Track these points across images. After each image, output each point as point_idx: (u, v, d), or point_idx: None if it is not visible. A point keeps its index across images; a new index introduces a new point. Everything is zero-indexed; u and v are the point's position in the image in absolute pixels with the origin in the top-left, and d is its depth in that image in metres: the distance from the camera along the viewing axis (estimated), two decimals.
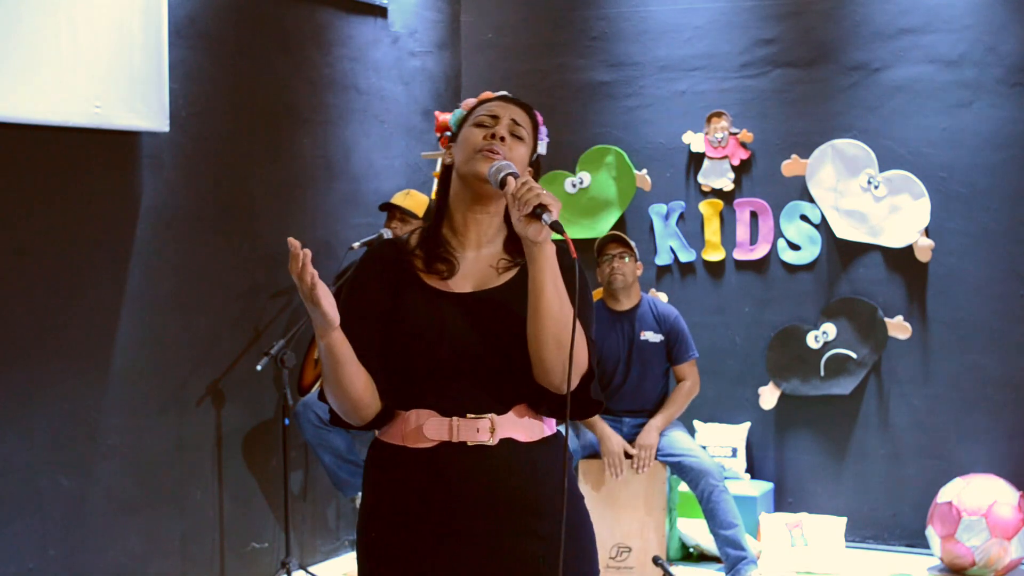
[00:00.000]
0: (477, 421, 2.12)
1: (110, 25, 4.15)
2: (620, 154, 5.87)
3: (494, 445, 2.12)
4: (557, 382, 2.08)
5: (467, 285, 2.19)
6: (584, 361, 2.11)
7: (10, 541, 3.97)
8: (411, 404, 2.16)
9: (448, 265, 2.20)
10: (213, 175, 4.78)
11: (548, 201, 2.01)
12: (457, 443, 2.12)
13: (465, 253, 2.22)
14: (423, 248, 2.23)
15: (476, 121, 2.22)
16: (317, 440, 4.78)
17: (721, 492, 4.76)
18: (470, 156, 2.18)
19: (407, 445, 2.15)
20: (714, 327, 5.75)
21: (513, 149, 2.19)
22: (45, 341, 4.11)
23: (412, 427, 2.14)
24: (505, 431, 2.13)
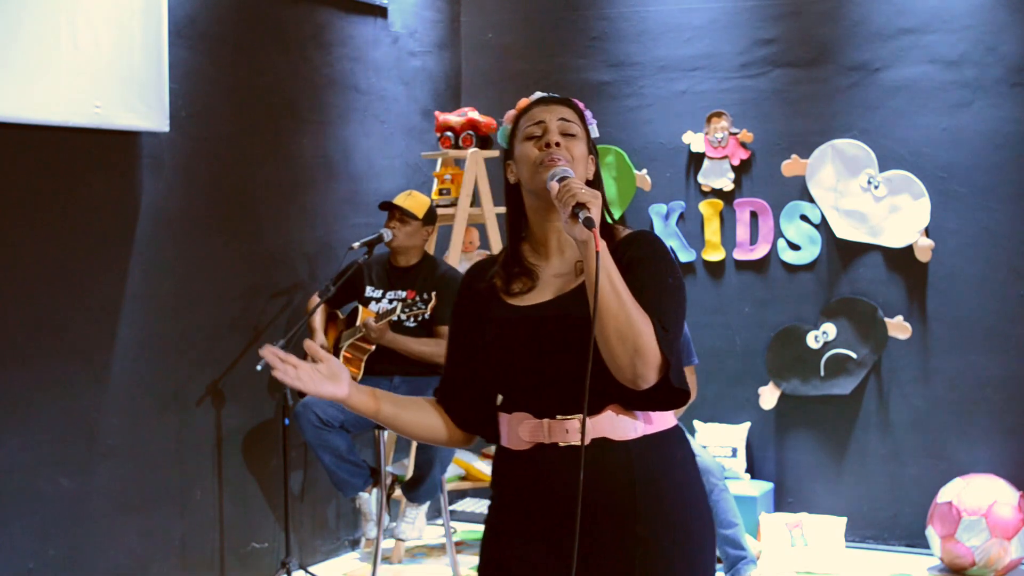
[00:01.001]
0: (566, 422, 2.13)
1: (110, 25, 4.15)
2: (620, 154, 5.87)
3: (587, 446, 2.10)
4: (629, 376, 2.04)
5: (548, 293, 2.21)
6: (651, 350, 2.03)
7: (10, 541, 3.97)
8: (512, 408, 2.21)
9: (527, 280, 2.24)
10: (213, 175, 4.78)
11: (585, 199, 2.01)
12: (550, 444, 2.15)
13: (549, 262, 2.25)
14: (504, 270, 2.27)
15: (526, 134, 2.23)
16: (317, 440, 4.78)
17: (721, 491, 4.76)
18: (533, 171, 2.19)
19: (510, 447, 2.21)
20: (714, 327, 5.75)
21: (571, 149, 2.20)
22: (45, 341, 4.11)
23: (512, 430, 2.20)
24: (597, 431, 2.12)
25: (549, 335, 2.15)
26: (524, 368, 2.17)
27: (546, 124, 2.22)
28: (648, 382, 2.05)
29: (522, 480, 2.18)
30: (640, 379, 2.04)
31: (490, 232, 5.60)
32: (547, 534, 2.14)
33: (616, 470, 2.12)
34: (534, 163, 2.19)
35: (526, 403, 2.18)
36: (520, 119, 2.27)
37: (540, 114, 2.24)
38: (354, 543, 5.57)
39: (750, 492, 5.41)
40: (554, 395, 2.15)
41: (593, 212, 2.01)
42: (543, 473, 2.15)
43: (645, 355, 2.02)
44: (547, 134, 2.20)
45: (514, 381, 2.20)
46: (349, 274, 4.90)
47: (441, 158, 5.68)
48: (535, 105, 2.27)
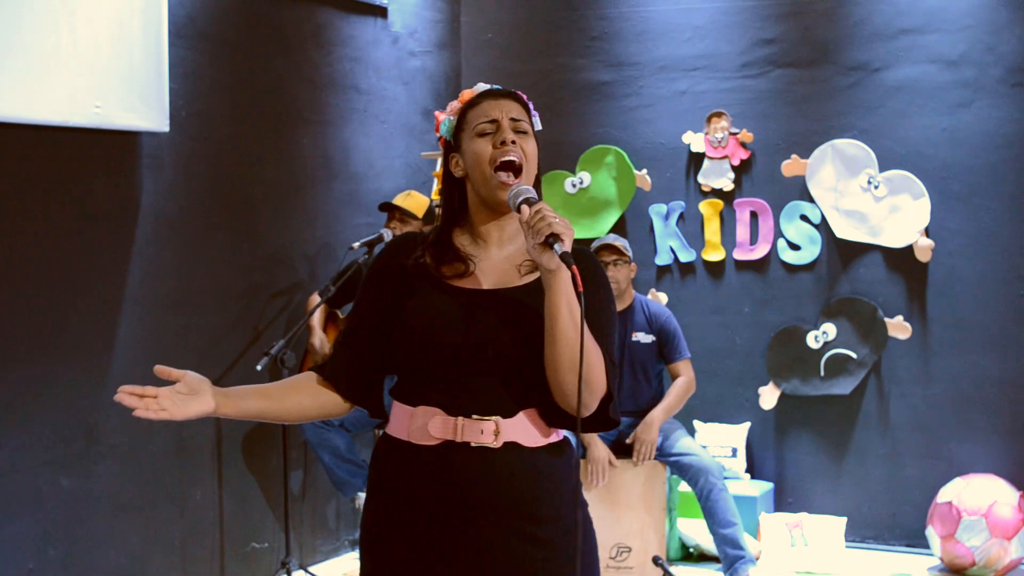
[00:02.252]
0: (481, 423, 2.10)
1: (110, 25, 4.15)
2: (620, 154, 5.87)
3: (497, 448, 2.10)
4: (567, 405, 2.07)
5: (486, 282, 2.17)
6: (602, 384, 2.08)
7: (10, 541, 3.97)
8: (418, 400, 2.15)
9: (459, 267, 2.18)
10: (213, 175, 4.78)
11: (560, 230, 1.99)
12: (460, 443, 2.10)
13: (488, 252, 2.21)
14: (433, 253, 2.21)
15: (477, 130, 2.18)
16: (317, 440, 4.78)
17: (720, 491, 4.75)
18: (488, 174, 2.15)
19: (412, 441, 2.14)
20: (714, 327, 5.75)
21: (525, 147, 2.17)
22: (45, 341, 4.11)
23: (418, 424, 2.13)
24: (510, 435, 2.11)
25: (484, 327, 2.11)
26: (447, 354, 2.11)
27: (499, 122, 2.17)
28: (589, 411, 2.09)
29: (421, 476, 2.12)
30: (583, 407, 2.06)
31: None
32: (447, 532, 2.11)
33: (523, 474, 2.11)
34: (488, 163, 2.15)
35: (438, 397, 2.12)
36: (467, 112, 2.22)
37: (490, 110, 2.19)
38: (354, 543, 5.57)
39: (750, 492, 5.41)
40: (471, 392, 2.11)
41: (567, 244, 1.99)
42: (447, 472, 2.10)
43: (593, 387, 2.06)
44: (501, 132, 2.16)
45: (432, 365, 2.13)
46: (349, 274, 4.90)
47: (441, 158, 5.68)
48: (483, 99, 2.22)
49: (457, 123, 2.24)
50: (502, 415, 2.11)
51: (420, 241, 2.25)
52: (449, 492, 2.10)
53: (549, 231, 1.99)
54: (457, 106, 2.25)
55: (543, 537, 2.12)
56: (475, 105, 2.22)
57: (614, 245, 4.97)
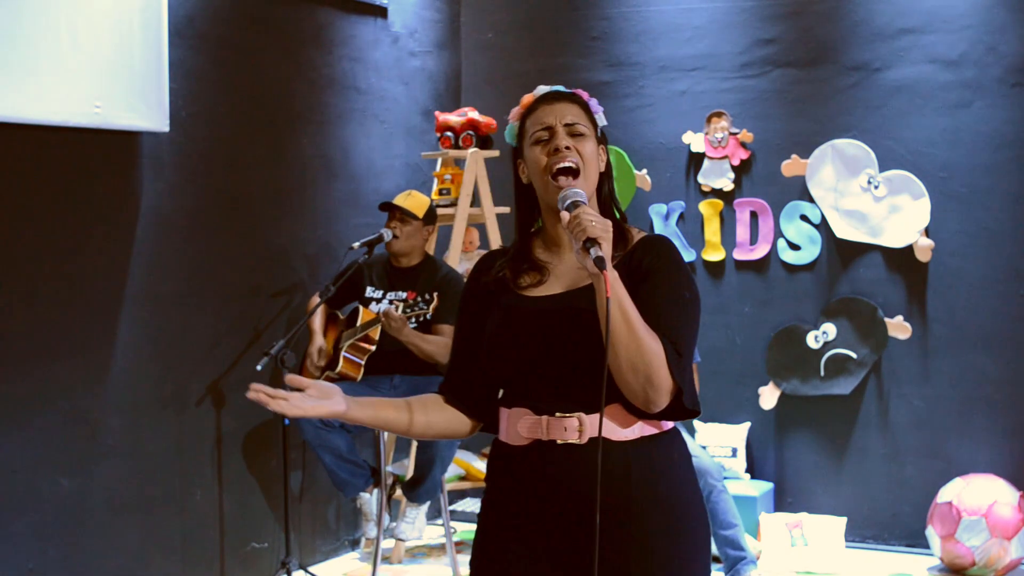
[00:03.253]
0: (565, 420, 2.12)
1: (110, 25, 4.15)
2: (620, 154, 5.87)
3: (583, 444, 2.11)
4: (641, 404, 2.08)
5: (560, 286, 2.21)
6: (663, 379, 2.06)
7: (10, 541, 3.97)
8: (512, 403, 2.21)
9: (537, 274, 2.24)
10: (213, 175, 4.78)
11: (596, 233, 2.01)
12: (547, 441, 2.13)
13: (562, 258, 2.24)
14: (511, 265, 2.27)
15: (533, 138, 2.22)
16: (317, 440, 4.78)
17: (720, 492, 4.76)
18: (545, 183, 2.19)
19: (508, 442, 2.21)
20: (714, 327, 5.75)
21: (581, 150, 2.20)
22: (45, 341, 4.11)
23: (511, 426, 2.19)
24: (596, 430, 2.10)
25: (555, 327, 2.14)
26: (526, 359, 2.16)
27: (553, 128, 2.20)
28: (659, 407, 2.09)
29: (518, 477, 2.17)
30: (652, 404, 2.07)
31: (490, 232, 5.60)
32: (543, 532, 2.14)
33: (613, 470, 2.10)
34: (544, 172, 2.19)
35: (525, 398, 2.17)
36: (526, 119, 2.26)
37: (546, 116, 2.22)
38: (354, 543, 5.57)
39: (750, 492, 5.41)
40: (554, 391, 2.14)
41: (604, 248, 2.00)
42: (539, 470, 2.14)
43: (657, 384, 2.05)
44: (555, 138, 2.19)
45: (516, 372, 2.19)
46: (349, 274, 4.90)
47: (441, 158, 5.68)
48: (540, 103, 2.25)
49: (519, 130, 2.28)
50: (585, 411, 2.12)
51: (500, 256, 2.32)
52: (542, 491, 2.13)
53: (584, 236, 2.02)
54: (518, 112, 2.29)
55: (638, 535, 2.11)
56: (532, 112, 2.25)
57: None
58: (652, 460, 2.14)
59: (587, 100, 2.29)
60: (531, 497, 2.15)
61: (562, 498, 2.11)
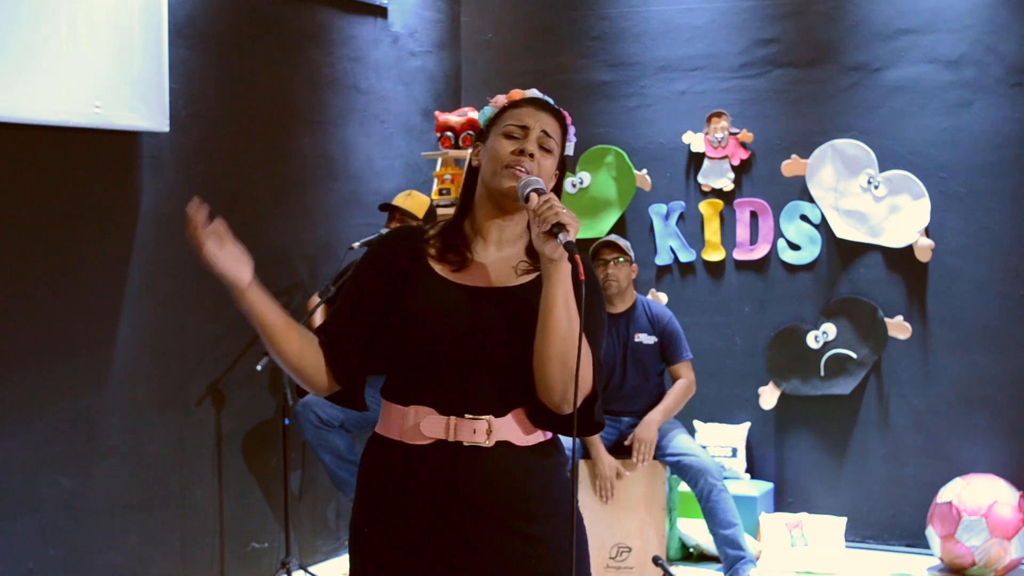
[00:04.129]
0: (474, 422, 2.10)
1: (110, 25, 4.15)
2: (620, 154, 5.87)
3: (490, 447, 2.11)
4: (557, 400, 2.07)
5: (481, 281, 2.17)
6: (588, 382, 2.10)
7: (10, 541, 3.97)
8: (411, 399, 2.14)
9: (460, 257, 2.19)
10: (213, 175, 4.78)
11: (567, 220, 2.01)
12: (453, 442, 2.11)
13: (486, 251, 2.22)
14: (440, 238, 2.22)
15: (505, 131, 2.20)
16: (317, 440, 4.78)
17: (720, 491, 4.75)
18: (497, 170, 2.17)
19: (404, 441, 2.14)
20: (714, 327, 5.75)
21: (542, 164, 2.18)
22: (45, 341, 4.11)
23: (410, 423, 2.13)
24: (502, 434, 2.12)
25: (478, 325, 2.11)
26: (443, 351, 2.11)
27: (529, 131, 2.19)
28: (570, 409, 2.08)
29: (416, 476, 2.12)
30: (567, 404, 2.07)
31: None
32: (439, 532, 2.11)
33: (515, 473, 2.12)
34: (501, 163, 2.16)
35: (430, 395, 2.12)
36: (507, 110, 2.24)
37: (526, 116, 2.20)
38: None
39: (750, 492, 5.41)
40: (465, 391, 2.11)
41: (572, 235, 2.01)
42: (439, 471, 2.10)
43: (581, 385, 2.05)
44: (526, 141, 2.18)
45: (426, 363, 2.13)
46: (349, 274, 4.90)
47: (441, 158, 5.68)
48: (528, 104, 2.24)
49: (495, 116, 2.26)
50: (494, 414, 2.11)
51: (420, 233, 2.26)
52: (442, 491, 2.10)
53: (556, 219, 2.01)
54: (502, 100, 2.27)
55: (535, 535, 2.13)
56: (517, 107, 2.24)
57: (615, 243, 4.97)
58: (545, 464, 2.17)
59: (568, 124, 2.28)
60: (428, 497, 2.11)
61: (464, 499, 2.10)
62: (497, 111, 2.26)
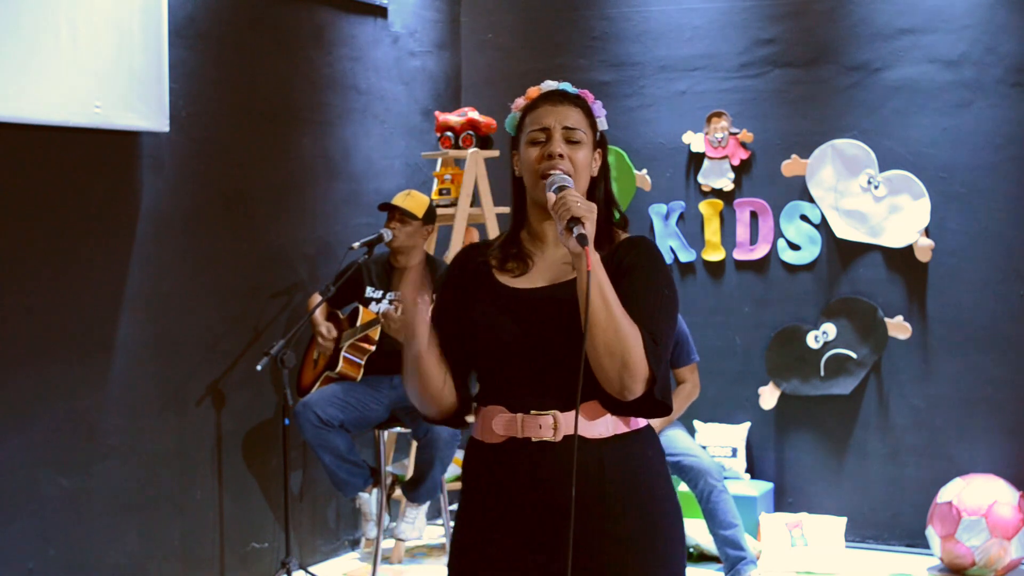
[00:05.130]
0: (539, 417, 2.13)
1: (110, 25, 4.15)
2: (620, 154, 5.87)
3: (558, 442, 2.11)
4: (616, 390, 2.07)
5: (540, 281, 2.21)
6: (640, 365, 2.05)
7: (10, 541, 3.97)
8: (488, 400, 2.21)
9: (520, 263, 2.23)
10: (213, 175, 4.78)
11: (580, 213, 2.03)
12: (522, 439, 2.14)
13: (545, 252, 2.25)
14: (501, 250, 2.28)
15: (530, 137, 2.22)
16: (317, 440, 4.78)
17: (720, 492, 4.75)
18: (534, 182, 2.20)
19: (483, 440, 2.21)
20: (714, 327, 5.75)
21: (574, 158, 2.21)
22: (45, 341, 4.11)
23: (486, 423, 2.19)
24: (570, 427, 2.11)
25: (534, 321, 2.15)
26: (505, 352, 2.16)
27: (550, 131, 2.21)
28: (634, 394, 2.08)
29: (493, 474, 2.18)
30: (627, 391, 2.06)
31: (490, 232, 5.59)
32: (519, 530, 2.13)
33: (588, 468, 2.11)
34: (534, 172, 2.20)
35: (501, 394, 2.17)
36: (527, 114, 2.26)
37: (544, 117, 2.22)
38: (354, 543, 5.57)
39: (750, 492, 5.41)
40: (530, 387, 2.15)
41: (587, 227, 2.02)
42: (514, 468, 2.14)
43: (632, 370, 2.04)
44: (550, 143, 2.20)
45: (493, 365, 2.19)
46: (349, 274, 4.90)
47: (441, 158, 5.68)
48: (543, 101, 2.25)
49: (520, 121, 2.28)
50: (561, 408, 2.12)
51: (482, 248, 2.32)
52: (517, 488, 2.13)
53: (569, 215, 2.03)
54: (521, 103, 2.29)
55: (613, 532, 2.11)
56: (534, 108, 2.26)
57: None
58: (626, 457, 2.15)
59: (591, 104, 2.30)
60: (506, 495, 2.15)
61: (536, 495, 2.11)
62: (520, 115, 2.28)
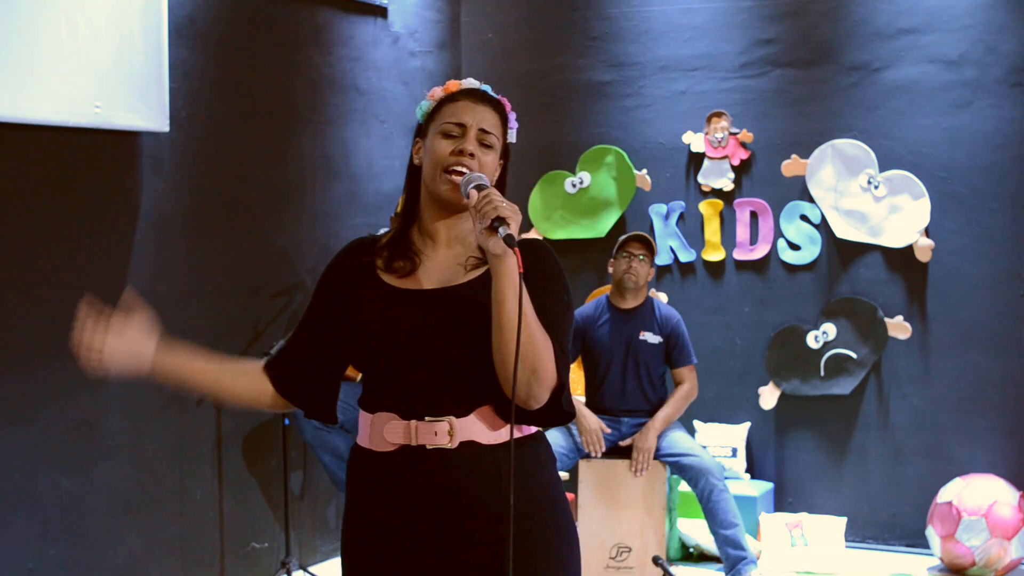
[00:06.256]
0: (435, 424, 2.06)
1: (110, 25, 4.14)
2: (620, 154, 5.87)
3: (453, 448, 2.06)
4: (522, 395, 2.01)
5: (431, 282, 2.14)
6: (550, 374, 2.02)
7: (10, 541, 3.97)
8: (376, 407, 2.13)
9: (408, 262, 2.16)
10: (213, 175, 4.78)
11: (506, 213, 1.96)
12: (416, 446, 2.07)
13: (435, 252, 2.18)
14: (388, 248, 2.20)
15: (443, 129, 2.16)
16: (317, 441, 4.78)
17: (721, 492, 4.75)
18: (436, 174, 2.13)
19: (373, 448, 2.12)
20: (714, 327, 5.75)
21: (482, 160, 2.14)
22: (45, 341, 4.10)
23: (376, 430, 2.11)
24: (466, 434, 2.07)
25: (427, 327, 2.08)
26: (394, 358, 2.09)
27: (466, 128, 2.15)
28: (540, 403, 2.03)
29: (384, 483, 2.10)
30: (532, 399, 2.02)
31: None
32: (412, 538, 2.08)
33: (485, 472, 2.07)
34: (440, 164, 2.13)
35: (391, 400, 2.10)
36: (444, 105, 2.19)
37: (463, 113, 2.16)
38: None
39: (750, 492, 5.41)
40: (423, 394, 2.08)
41: (513, 228, 1.96)
42: (407, 476, 2.07)
43: (542, 377, 2.00)
44: (463, 141, 2.14)
45: (382, 371, 2.12)
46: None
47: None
48: (464, 97, 2.19)
49: (432, 110, 2.22)
50: (455, 415, 2.07)
51: (370, 243, 2.24)
52: (411, 497, 2.07)
53: (495, 214, 1.96)
54: (439, 93, 2.22)
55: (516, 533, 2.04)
56: (453, 101, 2.19)
57: (646, 240, 5.03)
58: (520, 463, 2.08)
59: (508, 112, 2.23)
60: (398, 502, 2.08)
61: (433, 503, 2.06)
62: (434, 105, 2.21)
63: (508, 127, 2.22)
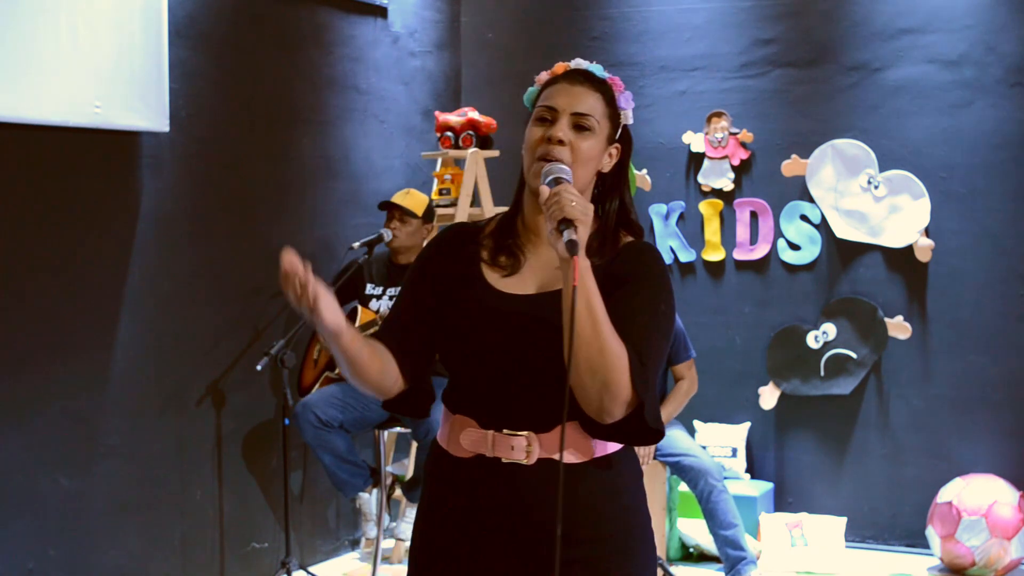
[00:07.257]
0: (512, 438, 1.96)
1: (110, 25, 4.14)
2: None
3: (531, 465, 1.96)
4: (595, 409, 1.88)
5: (530, 286, 2.02)
6: (623, 387, 1.86)
7: (10, 541, 3.97)
8: (458, 408, 2.04)
9: (513, 260, 2.04)
10: (213, 175, 4.78)
11: (574, 215, 1.83)
12: (492, 458, 1.97)
13: (538, 250, 2.05)
14: (494, 236, 2.08)
15: (536, 114, 2.03)
16: (317, 441, 4.78)
17: (721, 492, 4.75)
18: (530, 163, 2.01)
19: (448, 451, 2.05)
20: (714, 327, 5.75)
21: (578, 147, 2.00)
22: (45, 341, 4.11)
23: (453, 433, 2.03)
24: (546, 450, 1.95)
25: (516, 337, 1.96)
26: (482, 365, 1.99)
27: (558, 112, 2.02)
28: (613, 418, 1.89)
29: (458, 489, 2.02)
30: (605, 414, 1.88)
31: None
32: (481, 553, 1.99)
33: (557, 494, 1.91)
34: (532, 154, 2.01)
35: (472, 406, 2.01)
36: (546, 87, 2.08)
37: (556, 96, 2.04)
38: (354, 543, 5.57)
39: (750, 492, 5.40)
40: (505, 405, 1.98)
41: (580, 232, 1.82)
42: (481, 488, 1.99)
43: (614, 391, 1.85)
44: (554, 126, 2.01)
45: (469, 373, 2.02)
46: (349, 274, 4.90)
47: (441, 158, 5.68)
48: (562, 79, 2.08)
49: (536, 97, 2.10)
50: (536, 430, 1.96)
51: (475, 230, 2.12)
52: (482, 512, 1.99)
53: (561, 215, 1.83)
54: (544, 77, 2.12)
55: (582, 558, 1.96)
56: (552, 84, 2.08)
57: None
58: (600, 484, 1.99)
59: (617, 92, 2.11)
60: (470, 513, 2.00)
61: (504, 520, 1.97)
62: (539, 91, 2.10)
63: (620, 108, 2.10)
